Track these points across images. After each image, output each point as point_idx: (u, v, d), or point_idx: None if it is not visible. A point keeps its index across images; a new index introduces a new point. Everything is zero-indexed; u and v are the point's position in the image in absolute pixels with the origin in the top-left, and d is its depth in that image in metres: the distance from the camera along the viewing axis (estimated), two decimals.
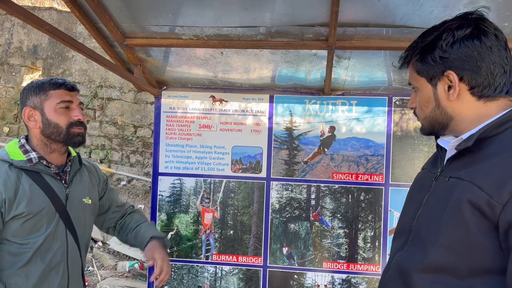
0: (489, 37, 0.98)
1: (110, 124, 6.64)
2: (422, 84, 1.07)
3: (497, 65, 0.98)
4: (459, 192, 0.94)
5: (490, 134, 0.98)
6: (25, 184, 1.50)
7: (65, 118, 1.57)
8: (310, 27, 1.75)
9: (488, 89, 1.00)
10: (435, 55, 1.02)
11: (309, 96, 2.41)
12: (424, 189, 1.12)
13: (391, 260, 1.14)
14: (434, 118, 1.08)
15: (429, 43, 1.03)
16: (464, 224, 0.92)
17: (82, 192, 1.71)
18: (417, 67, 1.07)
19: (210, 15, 1.73)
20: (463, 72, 1.00)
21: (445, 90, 1.03)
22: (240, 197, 2.46)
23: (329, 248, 2.40)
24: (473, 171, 0.95)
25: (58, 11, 7.09)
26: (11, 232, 1.48)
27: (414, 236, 1.07)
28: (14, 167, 1.51)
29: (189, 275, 2.49)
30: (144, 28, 1.86)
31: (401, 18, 1.65)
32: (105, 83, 6.72)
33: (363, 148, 2.37)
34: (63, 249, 1.59)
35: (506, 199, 0.86)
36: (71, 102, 1.59)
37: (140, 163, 6.53)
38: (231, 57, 2.10)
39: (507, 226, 0.86)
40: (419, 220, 1.07)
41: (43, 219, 1.52)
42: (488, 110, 1.01)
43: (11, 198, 1.46)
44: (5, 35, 7.30)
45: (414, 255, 1.03)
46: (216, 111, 2.47)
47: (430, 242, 0.99)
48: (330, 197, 2.40)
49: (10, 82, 7.26)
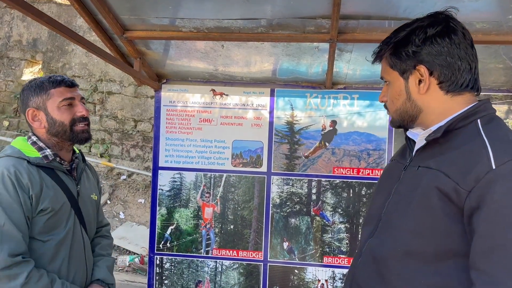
0: (457, 35, 1.05)
1: (110, 118, 6.63)
2: (394, 78, 1.12)
3: (464, 61, 1.04)
4: (428, 180, 1.01)
5: (456, 126, 1.04)
6: (46, 180, 1.51)
7: (68, 116, 1.57)
8: (312, 19, 1.73)
9: (455, 84, 1.05)
10: (408, 50, 1.07)
11: (311, 90, 2.39)
12: (393, 178, 1.17)
13: (362, 247, 1.19)
14: (404, 111, 1.12)
15: (402, 38, 1.09)
16: (431, 209, 0.98)
17: (89, 189, 1.73)
18: (390, 61, 1.12)
19: (211, 7, 1.71)
20: (433, 67, 1.05)
21: (416, 84, 1.08)
22: (241, 192, 2.45)
23: (330, 243, 2.39)
24: (441, 160, 1.01)
25: (57, 4, 7.05)
26: (37, 229, 1.48)
27: (384, 223, 1.13)
28: (31, 164, 1.50)
29: (189, 270, 2.49)
30: (144, 21, 1.84)
31: (403, 10, 1.63)
32: (105, 77, 6.69)
33: (364, 143, 2.36)
34: (80, 244, 1.62)
35: (471, 186, 0.92)
36: (73, 99, 1.59)
37: (140, 157, 6.52)
38: (231, 50, 2.08)
39: (471, 211, 0.92)
40: (388, 207, 1.13)
41: (63, 215, 1.54)
42: (454, 104, 1.07)
43: (37, 194, 1.46)
44: (5, 28, 7.27)
45: (386, 242, 1.09)
46: (216, 105, 2.46)
47: (399, 227, 1.05)
48: (331, 192, 2.39)
49: (10, 76, 7.23)
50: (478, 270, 0.90)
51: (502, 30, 1.72)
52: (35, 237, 1.48)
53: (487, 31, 1.72)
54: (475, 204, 0.91)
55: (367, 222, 1.24)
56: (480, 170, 0.91)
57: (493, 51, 1.90)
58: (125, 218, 6.02)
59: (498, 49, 1.90)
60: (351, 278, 1.21)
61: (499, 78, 2.18)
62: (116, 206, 6.15)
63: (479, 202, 0.90)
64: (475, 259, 0.91)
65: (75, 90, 1.61)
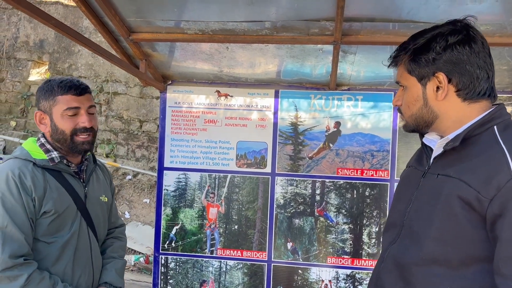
0: (477, 44, 1.06)
1: (115, 119, 6.67)
2: (412, 83, 1.13)
3: (482, 70, 1.06)
4: (449, 189, 1.03)
5: (473, 133, 1.06)
6: (51, 183, 1.51)
7: (70, 125, 1.53)
8: (316, 21, 1.74)
9: (473, 92, 1.07)
10: (428, 57, 1.08)
11: (315, 91, 2.40)
12: (412, 185, 1.19)
13: (385, 252, 1.21)
14: (420, 116, 1.14)
15: (422, 45, 1.10)
16: (454, 217, 1.00)
17: (99, 191, 1.72)
18: (408, 67, 1.13)
19: (216, 9, 1.72)
20: (452, 74, 1.07)
21: (433, 90, 1.10)
22: (245, 192, 2.47)
23: (333, 244, 2.40)
24: (460, 169, 1.03)
25: (64, 6, 7.11)
26: (41, 231, 1.49)
27: (407, 230, 1.14)
28: (37, 166, 1.50)
29: (194, 269, 2.51)
30: (150, 23, 1.86)
31: (407, 12, 1.64)
32: (111, 78, 6.74)
33: (368, 144, 2.36)
34: (87, 246, 1.61)
35: (493, 194, 0.94)
36: (78, 109, 1.54)
37: (146, 158, 6.56)
38: (236, 51, 2.10)
39: (494, 218, 0.95)
40: (410, 214, 1.15)
41: (67, 218, 1.54)
42: (471, 111, 1.08)
43: (40, 197, 1.46)
44: (12, 29, 7.34)
45: (409, 248, 1.11)
46: (221, 106, 2.47)
47: (423, 235, 1.07)
48: (335, 193, 2.40)
49: (17, 77, 7.30)
50: (502, 276, 0.93)
51: (506, 32, 1.73)
52: (39, 239, 1.49)
53: (490, 33, 1.72)
54: (498, 211, 0.94)
55: (388, 229, 1.26)
56: (501, 178, 0.94)
57: (497, 53, 1.90)
58: (131, 218, 6.06)
59: (502, 51, 1.90)
60: (375, 281, 1.24)
61: (503, 79, 2.18)
62: (121, 206, 6.19)
63: (501, 209, 0.93)
64: (499, 265, 0.94)
65: (85, 98, 1.56)
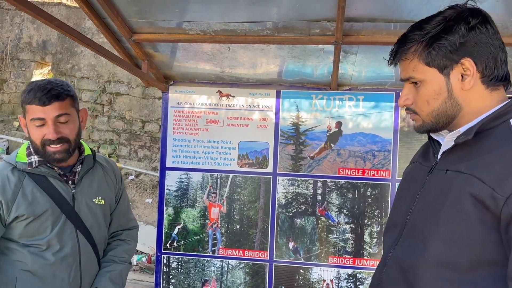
0: (492, 24, 0.98)
1: (118, 119, 6.68)
2: (431, 76, 1.01)
3: (502, 51, 0.99)
4: (459, 185, 0.93)
5: (487, 126, 0.97)
6: (27, 187, 1.50)
7: (38, 136, 1.48)
8: (317, 22, 1.75)
9: (496, 77, 0.98)
10: (453, 42, 0.96)
11: (316, 91, 2.41)
12: (417, 182, 1.10)
13: (387, 255, 1.12)
14: (443, 111, 1.02)
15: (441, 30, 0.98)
16: (465, 216, 0.91)
17: (92, 192, 1.65)
18: (426, 58, 1.00)
19: (217, 10, 1.73)
20: (478, 58, 0.97)
21: (458, 79, 0.99)
22: (247, 192, 2.47)
23: (335, 243, 2.41)
24: (473, 164, 0.94)
25: (67, 7, 7.13)
26: (17, 234, 1.49)
27: (410, 229, 1.05)
28: (17, 169, 1.51)
29: (196, 269, 2.52)
30: (152, 24, 1.87)
31: (408, 12, 1.64)
32: (114, 78, 6.75)
33: (369, 144, 2.37)
34: (74, 250, 1.58)
35: (509, 192, 0.86)
36: (42, 119, 1.46)
37: (148, 158, 6.57)
38: (238, 52, 2.10)
39: (510, 218, 0.86)
40: (413, 214, 1.05)
41: (47, 221, 1.52)
42: (491, 101, 1.00)
43: (8, 201, 1.46)
44: (15, 30, 7.36)
45: (413, 250, 1.01)
46: (223, 106, 2.48)
47: (429, 235, 0.98)
48: (336, 193, 2.40)
49: (20, 77, 7.33)
50: None
51: (507, 32, 1.73)
52: (17, 240, 1.50)
53: None
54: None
55: (389, 229, 1.16)
56: None
57: None
58: None
59: None
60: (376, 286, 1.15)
61: None
62: None
63: None
64: None
65: (51, 108, 1.46)
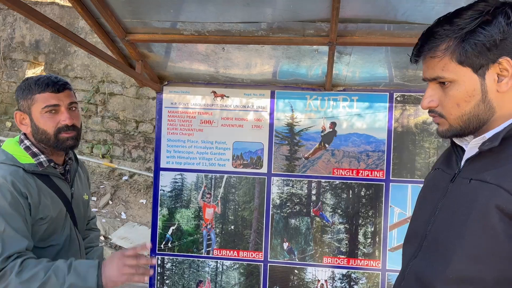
0: None
1: (112, 119, 6.66)
2: (464, 76, 0.92)
3: None
4: (485, 197, 0.86)
5: None
6: (43, 188, 1.48)
7: (52, 124, 1.49)
8: (311, 23, 1.75)
9: None
10: (492, 39, 0.88)
11: (310, 92, 2.41)
12: (438, 191, 1.03)
13: (405, 269, 1.06)
14: (475, 115, 0.93)
15: (479, 25, 0.90)
16: (491, 231, 0.84)
17: (82, 190, 1.72)
18: (460, 56, 0.92)
19: (212, 10, 1.73)
20: None
21: (494, 80, 0.91)
22: (241, 193, 2.47)
23: (329, 244, 2.41)
24: (500, 173, 0.87)
25: (60, 6, 7.09)
26: (38, 237, 1.46)
27: (430, 242, 0.99)
28: (26, 171, 1.45)
29: (190, 270, 2.51)
30: (146, 24, 1.86)
31: (402, 14, 1.65)
32: (107, 78, 6.72)
33: (364, 144, 2.38)
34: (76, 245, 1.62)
35: None
36: (57, 106, 1.49)
37: (142, 158, 6.55)
38: (232, 52, 2.10)
39: None
40: (435, 225, 0.99)
41: (60, 221, 1.53)
42: None
43: (36, 203, 1.43)
44: (7, 29, 7.31)
45: (434, 265, 0.94)
46: (217, 107, 2.48)
47: (452, 250, 0.91)
48: (330, 193, 2.41)
49: (13, 77, 7.27)
50: None
51: None
52: (35, 245, 1.46)
53: None
54: None
55: (409, 240, 1.10)
56: None
57: None
58: (127, 219, 6.04)
59: None
60: None
61: None
62: (117, 206, 6.18)
63: None
64: None
65: (64, 95, 1.51)
